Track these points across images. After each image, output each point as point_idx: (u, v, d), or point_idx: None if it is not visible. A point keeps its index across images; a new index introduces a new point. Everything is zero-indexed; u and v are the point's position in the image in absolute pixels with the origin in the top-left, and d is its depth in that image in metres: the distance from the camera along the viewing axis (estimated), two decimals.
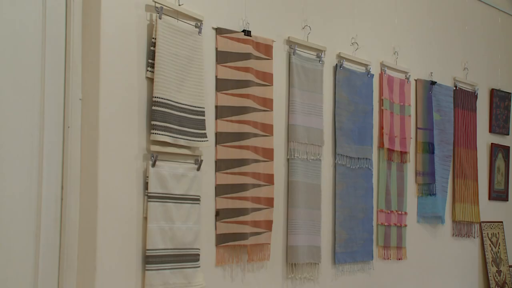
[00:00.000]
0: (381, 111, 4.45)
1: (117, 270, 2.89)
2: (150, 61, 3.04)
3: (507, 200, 5.88)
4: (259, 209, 3.54)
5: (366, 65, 4.34)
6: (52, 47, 2.85)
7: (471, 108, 5.35)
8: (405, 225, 4.63)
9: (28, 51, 2.79)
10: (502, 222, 5.72)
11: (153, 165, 3.00)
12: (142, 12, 3.05)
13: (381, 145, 4.44)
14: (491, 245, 5.54)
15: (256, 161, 3.53)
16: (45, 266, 2.78)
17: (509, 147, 5.87)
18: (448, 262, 5.11)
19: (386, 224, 4.46)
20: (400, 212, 4.58)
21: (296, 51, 3.84)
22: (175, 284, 3.06)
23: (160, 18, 3.05)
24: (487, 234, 5.51)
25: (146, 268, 2.97)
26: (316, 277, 3.92)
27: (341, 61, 4.15)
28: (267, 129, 3.62)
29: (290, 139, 3.78)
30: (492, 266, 5.50)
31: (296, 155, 3.79)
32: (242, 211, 3.43)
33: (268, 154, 3.62)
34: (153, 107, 3.00)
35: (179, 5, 3.17)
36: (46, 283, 2.78)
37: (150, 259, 2.97)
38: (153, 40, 3.04)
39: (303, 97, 3.85)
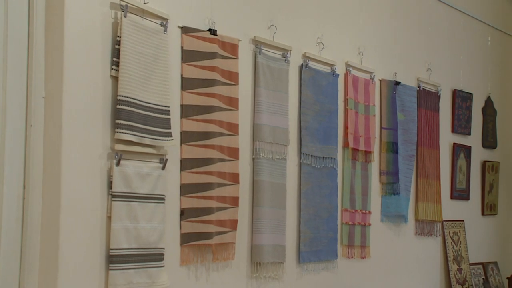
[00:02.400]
0: (346, 111, 4.48)
1: (80, 270, 2.86)
2: (114, 59, 3.01)
3: (469, 199, 5.96)
4: (224, 208, 3.54)
5: (331, 65, 4.37)
6: (14, 44, 2.81)
7: (434, 108, 5.41)
8: (369, 224, 4.67)
9: None
10: (463, 220, 5.80)
11: (118, 164, 2.98)
12: (107, 10, 3.02)
13: (346, 144, 4.47)
14: (453, 243, 5.62)
15: (222, 160, 3.53)
16: (6, 266, 2.74)
17: (470, 147, 5.96)
18: (411, 261, 5.17)
19: (350, 223, 4.49)
20: (364, 211, 4.62)
21: (262, 50, 3.84)
22: (139, 284, 3.04)
23: (125, 16, 3.02)
24: (449, 232, 5.59)
25: (110, 267, 2.94)
26: (280, 276, 3.93)
27: (307, 61, 4.17)
28: (233, 128, 3.62)
29: (255, 138, 3.79)
30: (454, 264, 5.58)
31: (261, 154, 3.79)
32: (207, 210, 3.42)
33: (233, 153, 3.62)
34: (118, 106, 2.98)
35: (145, 3, 3.15)
36: (7, 283, 2.74)
37: (114, 259, 2.94)
38: (118, 38, 3.01)
39: (268, 97, 3.86)
